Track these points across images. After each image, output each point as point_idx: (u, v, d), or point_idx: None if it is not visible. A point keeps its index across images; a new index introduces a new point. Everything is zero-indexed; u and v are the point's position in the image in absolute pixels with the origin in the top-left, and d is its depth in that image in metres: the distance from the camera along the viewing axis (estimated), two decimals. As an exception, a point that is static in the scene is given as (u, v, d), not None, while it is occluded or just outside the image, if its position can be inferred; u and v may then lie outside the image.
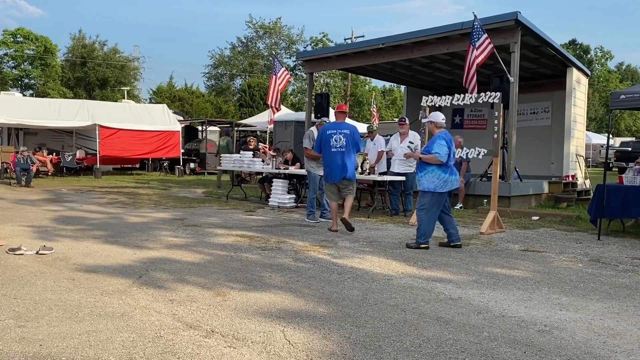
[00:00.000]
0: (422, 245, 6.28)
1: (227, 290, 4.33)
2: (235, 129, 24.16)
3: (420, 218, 6.38)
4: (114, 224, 7.90)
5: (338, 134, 7.61)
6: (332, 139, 7.62)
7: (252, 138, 16.07)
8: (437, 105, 8.37)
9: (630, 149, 25.48)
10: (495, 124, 7.64)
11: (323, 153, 7.77)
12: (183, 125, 22.54)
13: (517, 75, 10.44)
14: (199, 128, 24.37)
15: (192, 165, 21.71)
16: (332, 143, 7.61)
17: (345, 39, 35.75)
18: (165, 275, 4.80)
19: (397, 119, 15.85)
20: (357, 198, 10.58)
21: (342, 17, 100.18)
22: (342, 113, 8.02)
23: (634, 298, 4.35)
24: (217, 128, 25.95)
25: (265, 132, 25.62)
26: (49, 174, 17.50)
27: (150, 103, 35.83)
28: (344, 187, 7.70)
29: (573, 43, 58.05)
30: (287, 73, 14.13)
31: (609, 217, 7.69)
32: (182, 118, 25.25)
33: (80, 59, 44.19)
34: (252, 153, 12.17)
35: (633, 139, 31.71)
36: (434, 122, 6.57)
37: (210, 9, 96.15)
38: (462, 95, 8.06)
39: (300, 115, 18.24)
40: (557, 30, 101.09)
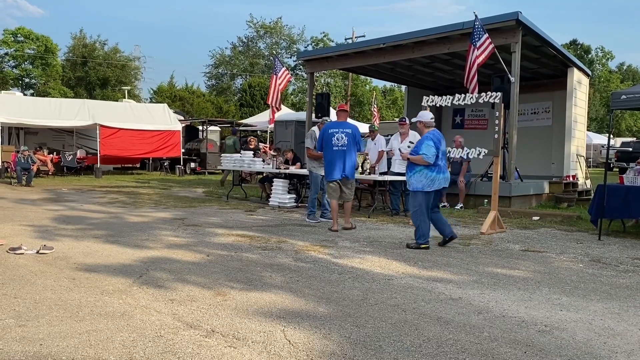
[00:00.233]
0: (422, 246, 6.28)
1: (227, 290, 4.33)
2: (232, 129, 24.12)
3: (416, 219, 6.39)
4: (115, 224, 7.91)
5: (340, 133, 7.68)
6: (334, 138, 7.68)
7: (252, 138, 16.08)
8: (437, 105, 8.37)
9: (631, 149, 25.47)
10: (496, 124, 7.64)
11: (325, 151, 7.82)
12: (184, 125, 22.56)
13: (518, 75, 10.43)
14: (200, 128, 24.38)
15: (192, 165, 21.72)
16: (333, 142, 7.67)
17: (346, 39, 35.85)
18: (166, 275, 4.80)
19: (397, 119, 15.85)
20: (357, 198, 10.59)
21: (342, 16, 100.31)
22: (343, 112, 8.10)
23: (635, 298, 4.35)
24: (217, 128, 25.94)
25: (266, 131, 25.65)
26: (50, 174, 17.52)
27: (151, 103, 35.82)
28: (344, 185, 7.78)
29: (574, 43, 58.04)
30: (287, 73, 14.11)
31: (610, 217, 7.69)
32: (182, 118, 25.25)
33: (81, 59, 44.19)
34: (252, 153, 12.19)
35: (634, 139, 31.70)
36: (423, 121, 6.59)
37: (211, 9, 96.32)
38: (462, 95, 8.05)
39: (301, 115, 18.22)
40: (558, 30, 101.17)
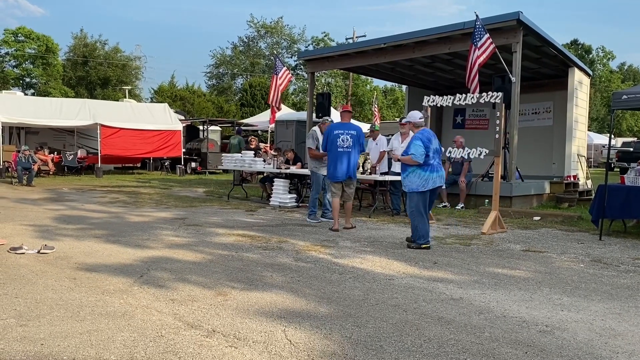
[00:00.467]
0: (423, 246, 6.28)
1: (228, 290, 4.33)
2: (237, 129, 24.15)
3: (414, 220, 6.39)
4: (115, 223, 7.91)
5: (345, 134, 7.74)
6: (339, 139, 7.73)
7: (253, 138, 16.08)
8: (438, 105, 8.39)
9: (632, 149, 25.45)
10: (497, 124, 7.63)
11: (329, 152, 7.86)
12: (184, 125, 22.56)
13: (518, 75, 10.43)
14: (200, 127, 24.39)
15: (193, 165, 21.73)
16: (339, 143, 7.72)
17: (347, 39, 35.86)
18: (167, 275, 4.80)
19: (398, 119, 15.84)
20: (358, 198, 10.59)
21: (343, 16, 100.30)
22: (347, 113, 8.19)
23: (636, 299, 4.35)
24: (218, 128, 25.93)
25: (267, 131, 25.65)
26: (50, 173, 17.52)
27: (152, 102, 35.84)
28: (347, 185, 7.87)
29: (575, 43, 57.98)
30: (288, 72, 14.10)
31: (611, 217, 7.68)
32: (183, 117, 25.24)
33: (82, 58, 44.20)
34: (253, 152, 12.19)
35: (635, 139, 31.66)
36: (412, 122, 6.63)
37: (212, 9, 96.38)
38: (463, 95, 8.05)
39: (302, 115, 18.23)
40: (558, 30, 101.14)
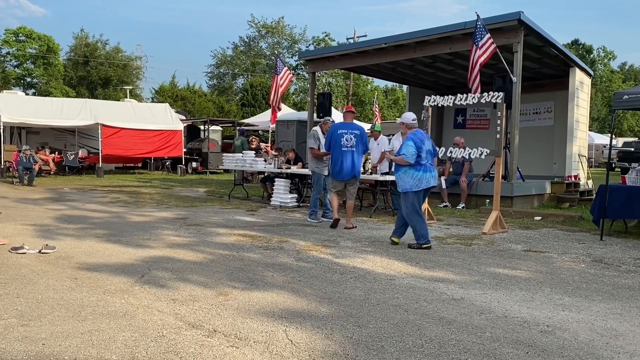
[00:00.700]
0: (424, 246, 6.28)
1: (229, 290, 4.33)
2: (238, 129, 24.17)
3: (411, 221, 6.41)
4: (116, 223, 7.92)
5: (349, 134, 7.83)
6: (343, 139, 7.81)
7: (254, 137, 16.07)
8: (439, 105, 8.40)
9: (633, 149, 25.43)
10: (498, 124, 7.63)
11: (333, 152, 7.92)
12: (185, 125, 22.56)
13: (519, 75, 10.43)
14: (201, 127, 24.40)
15: (194, 165, 21.74)
16: (343, 142, 7.80)
17: (348, 39, 35.85)
18: (168, 275, 4.80)
19: (398, 119, 15.81)
20: (359, 197, 10.59)
21: (344, 16, 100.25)
22: (350, 113, 8.31)
23: (637, 299, 4.34)
24: (219, 127, 25.93)
25: (267, 131, 25.64)
26: (52, 173, 17.53)
27: (153, 102, 35.85)
28: (351, 185, 7.96)
29: (576, 43, 57.97)
30: (289, 73, 14.10)
31: (612, 217, 7.67)
32: (184, 117, 25.24)
33: (83, 58, 44.23)
34: (254, 152, 12.19)
35: (636, 139, 31.62)
36: (405, 123, 6.72)
37: (213, 8, 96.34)
38: (464, 95, 8.05)
39: (303, 115, 18.23)
40: (559, 30, 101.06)
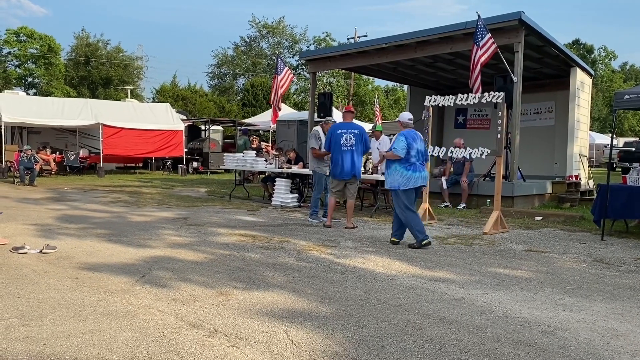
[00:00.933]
0: (424, 242, 6.28)
1: (230, 290, 4.34)
2: (239, 129, 24.18)
3: (405, 218, 6.45)
4: (117, 223, 7.92)
5: (348, 134, 7.89)
6: (342, 138, 7.87)
7: (255, 137, 16.08)
8: (440, 105, 8.40)
9: (634, 149, 25.41)
10: (499, 124, 7.63)
11: (333, 151, 7.98)
12: (186, 125, 22.56)
13: (520, 75, 10.42)
14: (202, 127, 24.40)
15: (195, 165, 21.74)
16: (342, 142, 7.86)
17: (349, 39, 35.81)
18: (169, 275, 4.81)
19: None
20: (360, 197, 10.59)
21: (345, 16, 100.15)
22: (350, 113, 8.39)
23: (638, 299, 4.34)
24: (220, 127, 25.93)
25: (268, 131, 25.65)
26: (52, 173, 17.55)
27: (154, 102, 35.86)
28: (351, 184, 8.00)
29: (577, 43, 57.93)
30: (290, 73, 14.10)
31: (613, 217, 7.67)
32: (185, 117, 25.26)
33: (84, 58, 44.25)
34: (255, 152, 12.20)
35: (637, 139, 31.57)
36: (400, 121, 6.87)
37: (214, 8, 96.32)
38: (465, 95, 8.05)
39: (303, 115, 18.23)
40: (560, 30, 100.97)
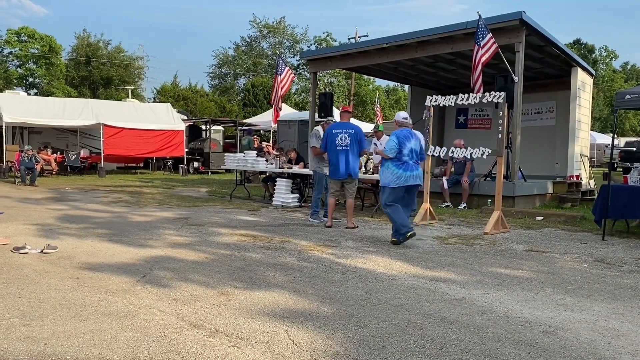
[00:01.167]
0: (408, 234, 6.36)
1: (230, 290, 4.34)
2: (245, 128, 24.18)
3: (388, 213, 6.67)
4: (118, 223, 7.93)
5: (343, 133, 7.97)
6: (337, 138, 7.95)
7: (256, 137, 16.08)
8: (441, 105, 8.41)
9: (635, 149, 25.39)
10: (500, 124, 7.62)
11: (329, 151, 8.09)
12: (187, 125, 22.57)
13: (521, 75, 10.41)
14: (203, 127, 24.41)
15: (195, 165, 21.75)
16: (337, 142, 7.93)
17: (349, 39, 35.77)
18: (169, 274, 4.81)
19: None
20: (360, 197, 10.59)
21: (345, 16, 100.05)
22: (347, 113, 8.51)
23: (639, 299, 4.33)
24: (220, 127, 25.94)
25: (269, 131, 25.65)
26: (53, 173, 17.57)
27: (154, 102, 35.88)
28: (348, 184, 8.02)
29: (577, 43, 57.89)
30: (291, 73, 14.10)
31: (614, 217, 7.66)
32: (186, 117, 25.27)
33: (85, 58, 44.26)
34: (255, 152, 12.20)
35: (638, 139, 31.56)
36: (396, 120, 7.08)
37: (214, 8, 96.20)
38: (466, 95, 8.05)
39: (304, 115, 18.22)
40: (561, 30, 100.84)
